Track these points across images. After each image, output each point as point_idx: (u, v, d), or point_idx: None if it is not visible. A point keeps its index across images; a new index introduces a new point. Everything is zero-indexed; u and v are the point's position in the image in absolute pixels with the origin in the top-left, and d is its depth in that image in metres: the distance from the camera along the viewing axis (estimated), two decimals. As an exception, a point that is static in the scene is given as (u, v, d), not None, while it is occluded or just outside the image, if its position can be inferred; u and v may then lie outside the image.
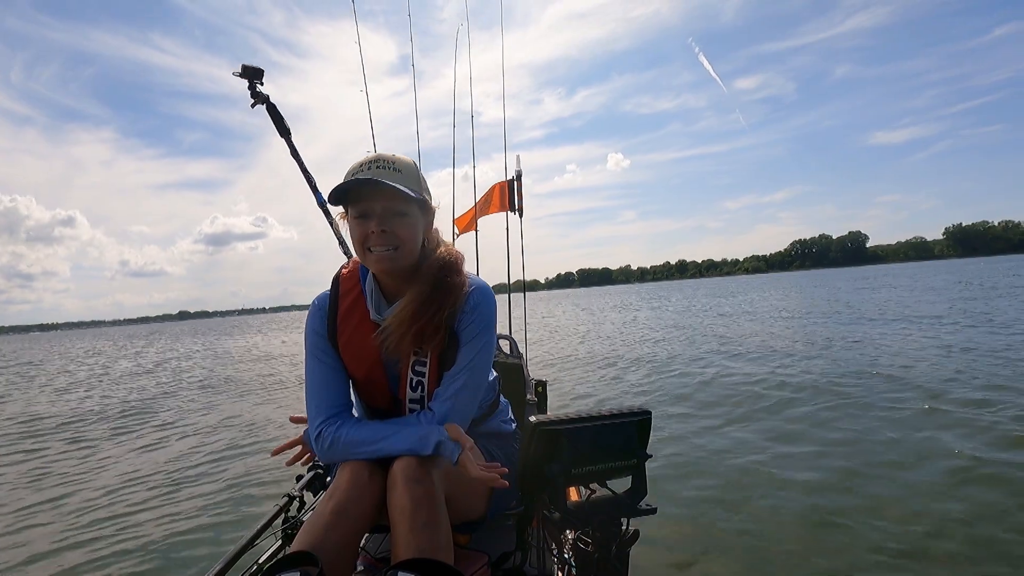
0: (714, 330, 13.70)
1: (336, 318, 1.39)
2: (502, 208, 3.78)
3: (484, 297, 1.37)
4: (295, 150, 2.53)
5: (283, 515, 1.69)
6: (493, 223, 3.82)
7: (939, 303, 16.06)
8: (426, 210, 1.37)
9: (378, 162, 1.29)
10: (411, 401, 1.37)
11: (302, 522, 1.68)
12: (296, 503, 1.74)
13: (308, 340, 1.40)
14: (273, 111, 2.45)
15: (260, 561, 1.52)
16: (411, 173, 1.33)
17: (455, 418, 1.31)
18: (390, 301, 1.37)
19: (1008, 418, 4.65)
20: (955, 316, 12.29)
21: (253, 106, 2.41)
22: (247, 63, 2.38)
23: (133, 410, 8.00)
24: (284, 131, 2.50)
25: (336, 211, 1.37)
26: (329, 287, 1.45)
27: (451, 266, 1.37)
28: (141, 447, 5.91)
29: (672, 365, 8.81)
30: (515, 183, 3.72)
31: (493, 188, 3.82)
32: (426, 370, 1.34)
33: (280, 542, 1.63)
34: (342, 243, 2.66)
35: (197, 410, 7.74)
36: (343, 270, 1.46)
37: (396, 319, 1.30)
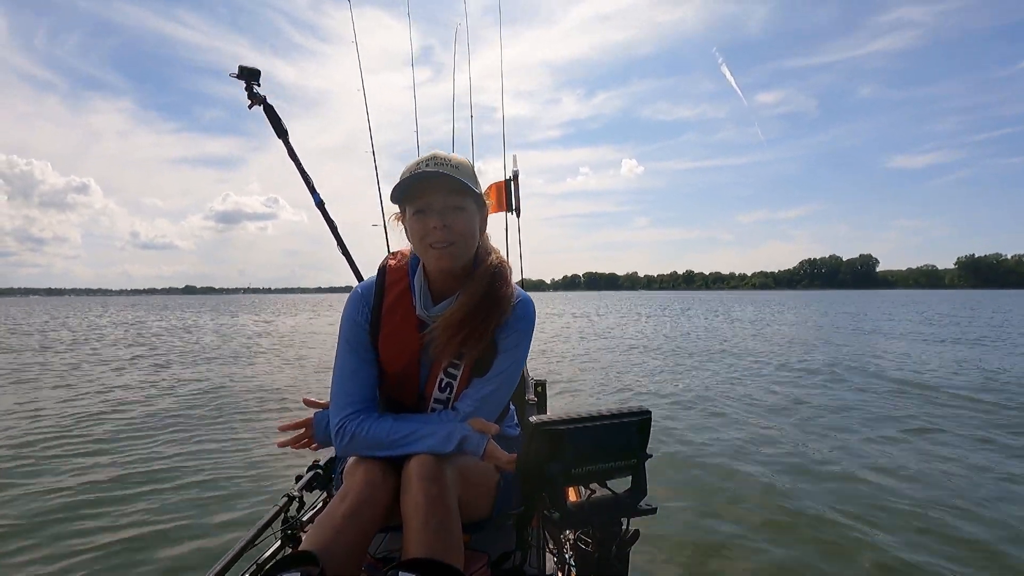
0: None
1: (380, 309, 1.39)
2: (499, 208, 3.77)
3: (527, 310, 1.40)
4: (292, 151, 2.53)
5: (283, 515, 1.69)
6: (494, 223, 3.81)
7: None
8: (481, 205, 1.39)
9: (435, 159, 1.31)
10: (436, 401, 1.38)
11: (302, 522, 1.68)
12: (296, 503, 1.74)
13: (345, 329, 1.39)
14: (270, 112, 2.44)
15: (260, 561, 1.52)
16: (467, 169, 1.35)
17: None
18: (436, 299, 1.38)
19: None
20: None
21: (250, 107, 2.41)
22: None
23: (124, 399, 7.96)
24: (281, 132, 2.49)
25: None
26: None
27: (502, 276, 1.39)
28: (137, 440, 5.88)
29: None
30: (512, 183, 3.71)
31: (489, 188, 3.81)
32: (459, 373, 1.36)
33: (280, 542, 1.63)
34: (340, 243, 2.66)
35: (195, 405, 7.71)
36: (390, 261, 1.46)
37: (443, 323, 1.32)
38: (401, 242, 1.45)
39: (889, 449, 4.45)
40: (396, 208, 1.39)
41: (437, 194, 1.29)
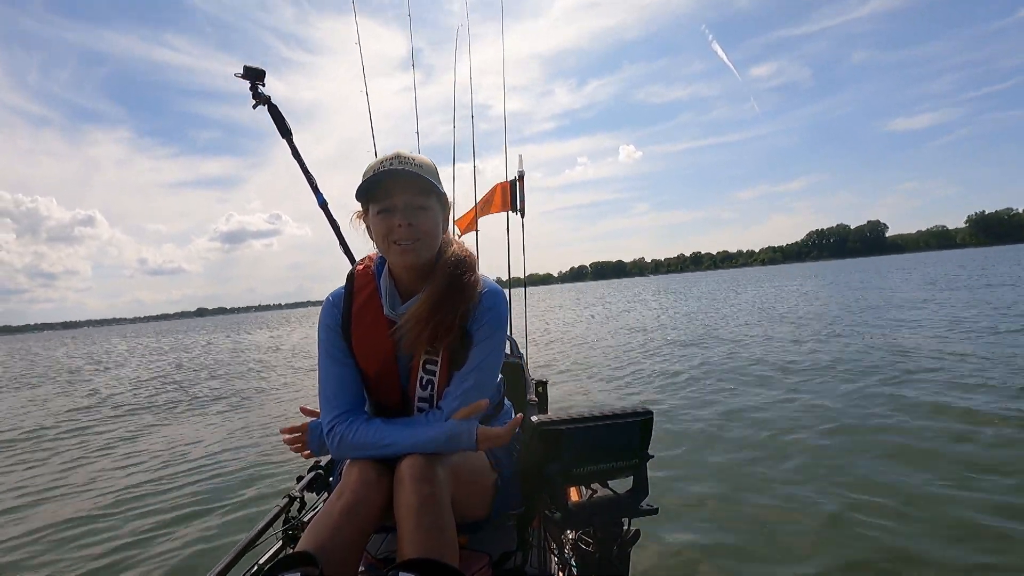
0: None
1: (350, 313, 1.40)
2: (503, 208, 3.78)
3: (497, 299, 1.40)
4: (296, 151, 2.53)
5: (284, 516, 1.69)
6: (495, 220, 3.82)
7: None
8: (444, 205, 1.40)
9: (399, 158, 1.32)
10: (420, 399, 1.37)
11: (303, 523, 1.68)
12: (297, 504, 1.74)
13: (321, 336, 1.41)
14: (274, 112, 2.45)
15: (261, 562, 1.52)
16: (431, 169, 1.36)
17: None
18: (404, 298, 1.39)
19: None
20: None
21: (255, 107, 2.42)
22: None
23: (131, 405, 8.03)
24: (285, 132, 2.50)
25: (353, 211, 1.41)
26: (343, 282, 1.47)
27: (465, 264, 1.39)
28: (140, 445, 5.92)
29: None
30: (516, 183, 3.72)
31: (495, 188, 3.82)
32: (437, 369, 1.36)
33: (281, 542, 1.63)
34: (343, 243, 2.66)
35: (198, 407, 7.76)
36: (358, 266, 1.47)
37: (412, 316, 1.32)
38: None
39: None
40: (359, 207, 1.40)
41: (402, 193, 1.30)
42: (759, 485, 3.77)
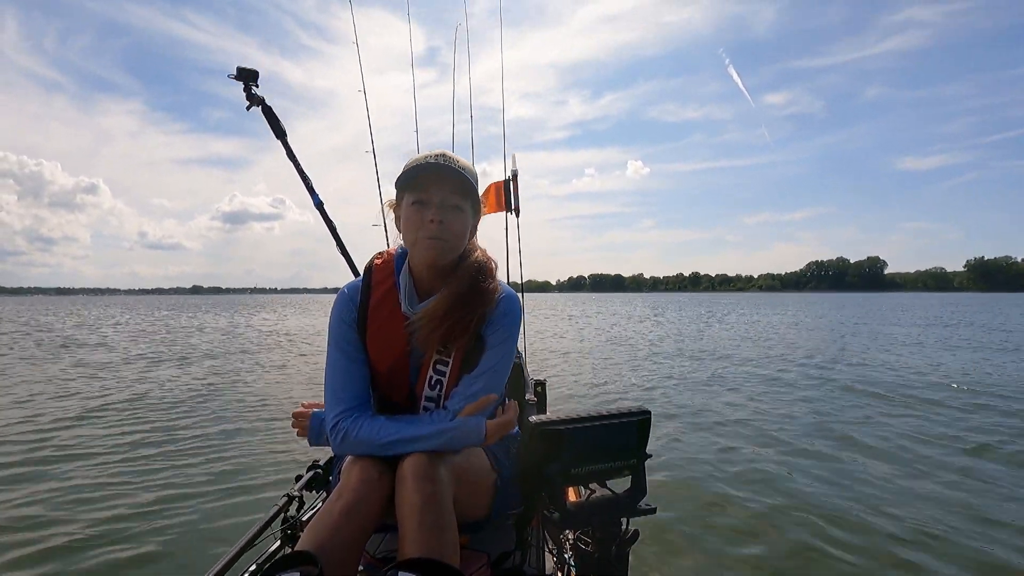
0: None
1: (367, 308, 1.40)
2: (498, 208, 3.77)
3: (513, 305, 1.41)
4: (291, 151, 2.51)
5: (282, 515, 1.69)
6: (493, 221, 3.83)
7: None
8: (477, 211, 1.42)
9: (444, 156, 1.34)
10: (427, 399, 1.38)
11: (301, 522, 1.68)
12: (295, 503, 1.74)
13: (333, 329, 1.41)
14: (269, 113, 2.43)
15: (260, 561, 1.52)
16: (472, 173, 1.38)
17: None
18: (422, 297, 1.40)
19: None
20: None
21: (248, 108, 2.39)
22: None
23: (129, 398, 7.96)
24: (280, 133, 2.47)
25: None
26: (347, 275, 1.47)
27: (486, 270, 1.41)
28: (135, 440, 5.88)
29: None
30: (511, 183, 3.71)
31: (488, 188, 3.81)
32: (447, 370, 1.37)
33: (279, 542, 1.63)
34: (339, 242, 2.66)
35: (196, 405, 7.71)
36: (376, 260, 1.47)
37: (428, 313, 1.33)
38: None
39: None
40: (392, 198, 1.42)
41: (440, 189, 1.32)
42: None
